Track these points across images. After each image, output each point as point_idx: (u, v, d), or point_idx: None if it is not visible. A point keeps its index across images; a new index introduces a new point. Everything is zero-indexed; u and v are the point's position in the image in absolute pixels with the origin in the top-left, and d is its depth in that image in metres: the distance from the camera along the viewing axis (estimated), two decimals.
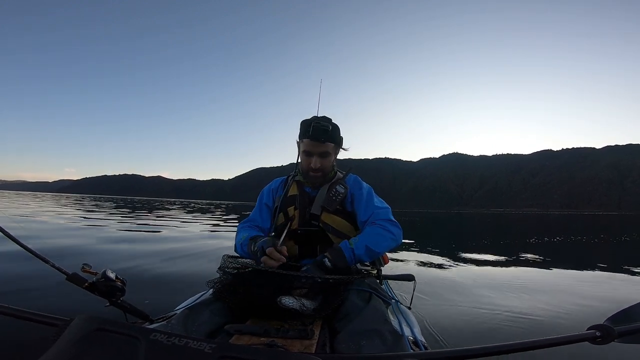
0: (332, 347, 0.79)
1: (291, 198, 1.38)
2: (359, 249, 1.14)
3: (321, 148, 1.29)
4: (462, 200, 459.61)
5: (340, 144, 1.37)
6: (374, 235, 1.21)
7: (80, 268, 0.88)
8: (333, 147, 1.33)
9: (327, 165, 1.33)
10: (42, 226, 7.09)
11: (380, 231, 1.23)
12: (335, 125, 1.33)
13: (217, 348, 0.44)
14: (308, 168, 1.32)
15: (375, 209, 1.31)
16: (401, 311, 1.09)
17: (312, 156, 1.30)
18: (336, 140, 1.33)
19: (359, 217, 1.32)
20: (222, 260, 1.08)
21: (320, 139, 1.26)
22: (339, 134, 1.35)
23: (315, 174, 1.33)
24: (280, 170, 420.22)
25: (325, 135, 1.26)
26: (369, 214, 1.30)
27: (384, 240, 1.21)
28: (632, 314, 0.70)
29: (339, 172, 1.46)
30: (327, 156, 1.32)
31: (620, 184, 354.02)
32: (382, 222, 1.26)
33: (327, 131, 1.25)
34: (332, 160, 1.37)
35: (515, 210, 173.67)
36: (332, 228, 1.30)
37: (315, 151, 1.29)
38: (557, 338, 0.61)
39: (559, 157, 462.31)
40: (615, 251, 6.83)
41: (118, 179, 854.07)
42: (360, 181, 1.43)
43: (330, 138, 1.29)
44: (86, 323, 0.47)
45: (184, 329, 0.80)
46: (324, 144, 1.28)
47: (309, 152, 1.30)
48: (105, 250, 4.39)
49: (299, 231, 1.32)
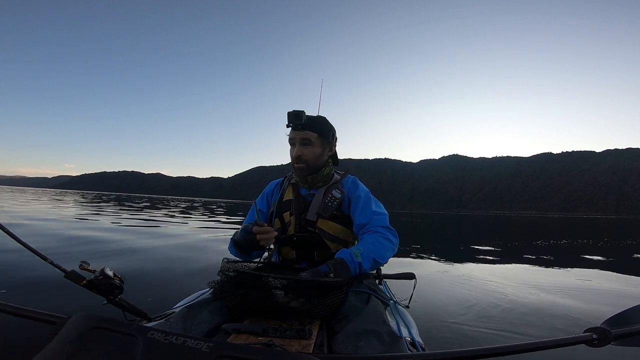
0: (330, 347, 0.79)
1: (286, 203, 1.35)
2: (366, 262, 1.10)
3: (300, 135, 1.26)
4: (462, 202, 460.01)
5: (327, 136, 1.32)
6: (378, 246, 1.17)
7: (79, 265, 0.88)
8: (317, 138, 1.28)
9: (309, 156, 1.28)
10: (48, 224, 7.08)
11: (382, 240, 1.19)
12: (321, 117, 1.32)
13: (214, 347, 0.44)
14: (292, 158, 1.31)
15: (373, 214, 1.27)
16: (399, 312, 1.09)
17: (295, 145, 1.29)
18: (320, 131, 1.29)
19: (355, 220, 1.29)
20: (222, 264, 1.08)
21: (296, 125, 1.24)
22: (326, 125, 1.32)
23: (298, 165, 1.29)
24: (280, 169, 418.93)
25: (299, 120, 1.23)
26: (366, 219, 1.26)
27: (386, 250, 1.19)
28: (629, 316, 0.70)
29: (336, 173, 1.43)
30: (309, 144, 1.28)
31: (619, 188, 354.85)
32: (381, 229, 1.23)
33: (300, 116, 1.22)
34: (318, 153, 1.30)
35: (514, 213, 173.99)
36: (328, 234, 1.27)
37: (296, 138, 1.28)
38: (554, 340, 0.61)
39: (558, 160, 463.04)
40: (613, 254, 6.84)
41: (117, 175, 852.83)
42: (358, 183, 1.39)
43: (310, 126, 1.26)
44: (83, 321, 0.47)
45: (183, 327, 0.79)
46: (302, 131, 1.26)
47: (291, 139, 1.30)
48: (105, 249, 4.39)
49: (295, 237, 1.30)
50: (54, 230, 5.87)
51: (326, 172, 1.36)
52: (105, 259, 3.67)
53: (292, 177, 1.44)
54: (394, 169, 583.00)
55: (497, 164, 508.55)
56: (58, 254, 3.67)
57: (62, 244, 4.49)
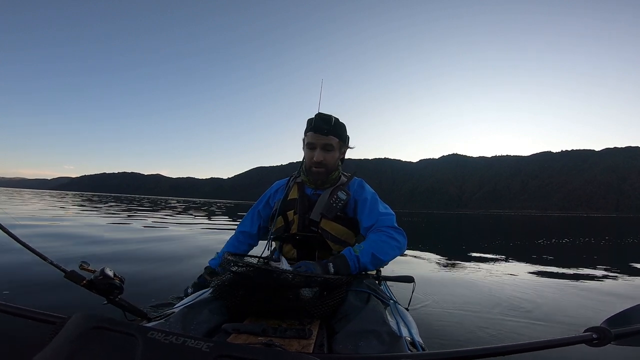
0: (330, 347, 0.79)
1: (291, 202, 1.36)
2: (364, 257, 1.11)
3: (324, 140, 1.26)
4: (461, 201, 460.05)
5: (345, 141, 1.35)
6: (379, 243, 1.17)
7: (79, 265, 0.88)
8: (337, 143, 1.30)
9: (330, 161, 1.30)
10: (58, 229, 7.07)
11: (385, 239, 1.19)
12: (341, 122, 1.31)
13: (214, 347, 0.44)
14: (311, 163, 1.30)
15: (379, 215, 1.27)
16: (399, 312, 1.09)
17: (315, 149, 1.28)
18: (341, 136, 1.31)
19: (363, 223, 1.29)
20: (223, 259, 1.08)
21: (323, 129, 1.24)
22: (345, 131, 1.33)
23: (317, 168, 1.30)
24: (280, 170, 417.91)
25: (328, 126, 1.24)
26: (373, 220, 1.26)
27: (389, 248, 1.18)
28: (629, 316, 0.70)
29: (343, 175, 1.43)
30: (331, 150, 1.29)
31: (618, 187, 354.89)
32: (387, 229, 1.23)
33: (330, 122, 1.24)
34: (337, 157, 1.33)
35: (514, 212, 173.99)
36: (331, 235, 1.28)
37: (318, 143, 1.27)
38: (554, 340, 0.61)
39: (558, 159, 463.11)
40: (613, 253, 6.84)
41: (117, 176, 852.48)
42: (364, 185, 1.40)
43: (334, 131, 1.27)
44: (84, 321, 0.47)
45: (183, 327, 0.79)
46: (327, 136, 1.26)
47: (312, 144, 1.28)
48: (106, 249, 4.39)
49: (297, 236, 1.31)
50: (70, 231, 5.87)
51: (336, 175, 1.37)
52: (105, 259, 3.67)
53: (298, 176, 1.44)
54: (394, 169, 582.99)
55: (497, 163, 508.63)
56: (58, 254, 3.66)
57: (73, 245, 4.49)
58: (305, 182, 1.39)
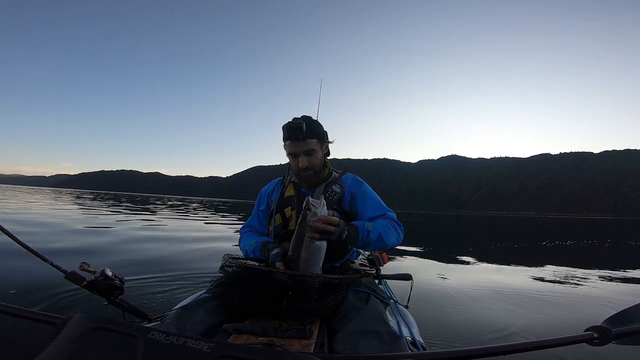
0: (331, 347, 0.80)
1: (288, 199, 1.37)
2: (373, 234, 1.17)
3: (303, 146, 1.27)
4: (460, 202, 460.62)
5: (324, 138, 1.35)
6: (387, 228, 1.24)
7: (79, 266, 0.88)
8: (317, 143, 1.30)
9: (315, 163, 1.31)
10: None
11: (391, 226, 1.27)
12: (315, 121, 1.31)
13: (215, 347, 0.44)
14: (298, 169, 1.31)
15: (386, 210, 1.35)
16: (399, 311, 1.09)
17: (298, 156, 1.29)
18: (319, 136, 1.31)
19: (367, 213, 1.33)
20: (223, 260, 1.07)
21: (297, 137, 1.25)
22: (321, 128, 1.33)
23: (305, 173, 1.31)
24: (278, 169, 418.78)
25: (301, 133, 1.24)
26: (379, 212, 1.32)
27: (393, 236, 1.25)
28: (629, 315, 0.70)
29: (334, 171, 1.45)
30: (313, 153, 1.29)
31: (616, 189, 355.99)
32: (392, 221, 1.31)
33: (301, 129, 1.23)
34: (320, 156, 1.34)
35: (512, 214, 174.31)
36: None
37: (298, 151, 1.28)
38: (555, 339, 0.61)
39: (557, 160, 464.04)
40: (613, 254, 6.86)
41: (115, 174, 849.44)
42: (362, 181, 1.43)
43: (310, 134, 1.27)
44: (84, 321, 0.47)
45: (177, 328, 0.79)
46: (303, 141, 1.26)
47: (293, 153, 1.29)
48: (106, 250, 4.38)
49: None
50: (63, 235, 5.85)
51: (326, 172, 1.38)
52: (106, 260, 3.66)
53: (292, 177, 1.44)
54: (393, 169, 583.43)
55: (496, 164, 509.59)
56: (59, 254, 3.65)
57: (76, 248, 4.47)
58: (299, 183, 1.41)
